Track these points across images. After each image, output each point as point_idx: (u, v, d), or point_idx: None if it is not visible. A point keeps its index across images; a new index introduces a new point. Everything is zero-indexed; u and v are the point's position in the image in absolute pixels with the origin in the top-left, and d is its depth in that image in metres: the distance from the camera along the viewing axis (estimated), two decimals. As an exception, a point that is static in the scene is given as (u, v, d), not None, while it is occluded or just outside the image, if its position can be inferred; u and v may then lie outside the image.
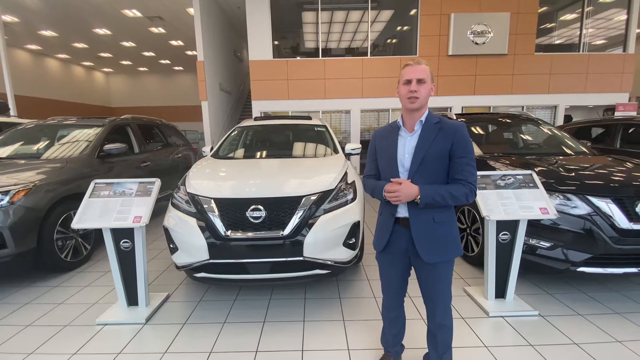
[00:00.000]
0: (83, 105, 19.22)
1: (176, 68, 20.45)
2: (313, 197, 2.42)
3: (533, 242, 2.62)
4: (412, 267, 1.65)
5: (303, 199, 2.39)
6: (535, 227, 2.59)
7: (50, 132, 4.18)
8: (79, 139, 3.98)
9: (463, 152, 1.46)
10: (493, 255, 2.42)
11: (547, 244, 2.57)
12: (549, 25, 9.68)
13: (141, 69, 20.54)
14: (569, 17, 9.65)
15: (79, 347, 2.11)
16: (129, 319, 2.37)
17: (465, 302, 2.59)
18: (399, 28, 9.72)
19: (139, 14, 11.37)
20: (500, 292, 2.52)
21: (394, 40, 9.96)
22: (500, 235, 2.41)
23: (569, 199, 2.55)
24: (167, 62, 18.74)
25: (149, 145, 5.12)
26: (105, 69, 20.70)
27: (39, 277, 3.12)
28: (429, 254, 1.50)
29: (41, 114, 7.24)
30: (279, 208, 2.35)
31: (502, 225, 2.39)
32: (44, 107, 16.09)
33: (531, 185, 2.44)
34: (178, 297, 2.74)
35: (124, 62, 18.71)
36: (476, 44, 8.94)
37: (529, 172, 2.51)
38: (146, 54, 16.81)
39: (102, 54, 16.79)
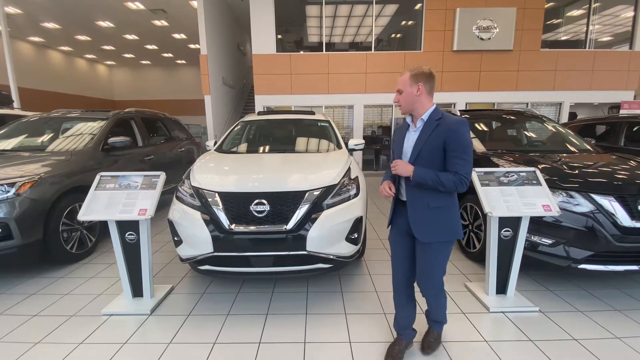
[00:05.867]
0: (85, 98, 19.24)
1: (179, 61, 20.41)
2: (316, 192, 2.43)
3: (535, 238, 2.63)
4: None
5: (306, 194, 2.40)
6: (538, 224, 2.59)
7: (54, 124, 4.20)
8: (83, 132, 3.99)
9: (454, 146, 1.62)
10: (495, 251, 2.44)
11: (549, 241, 2.58)
12: (555, 21, 9.58)
13: (144, 62, 20.51)
14: (576, 13, 9.55)
15: (85, 336, 2.14)
16: (134, 310, 2.41)
17: (466, 297, 2.61)
18: (403, 23, 9.64)
19: (142, 7, 11.33)
20: (501, 288, 2.54)
21: (398, 35, 9.89)
22: (502, 231, 2.42)
23: (571, 197, 2.55)
24: (170, 55, 18.70)
25: (153, 139, 5.14)
26: (108, 62, 20.68)
27: (45, 268, 3.16)
28: (421, 234, 1.70)
29: (44, 107, 7.27)
30: (283, 202, 2.37)
31: (504, 222, 2.40)
32: (47, 99, 16.13)
33: (534, 182, 2.44)
34: (182, 289, 2.77)
35: (127, 55, 18.69)
36: (481, 39, 8.87)
37: (532, 169, 2.51)
38: (149, 47, 16.78)
39: (105, 47, 16.77)
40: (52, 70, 17.12)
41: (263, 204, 2.34)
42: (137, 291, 2.53)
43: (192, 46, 16.47)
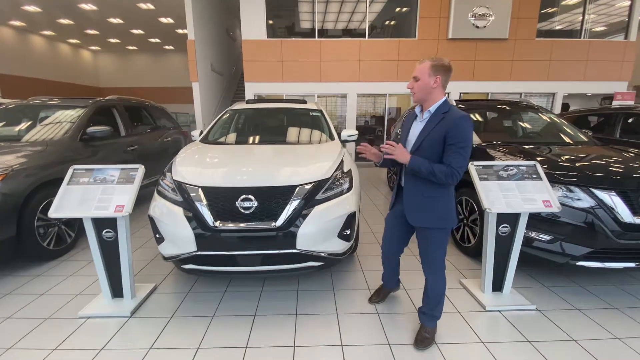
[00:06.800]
0: (69, 84, 18.51)
1: (166, 47, 19.72)
2: (307, 187, 2.29)
3: (532, 234, 2.54)
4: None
5: (297, 189, 2.26)
6: (535, 220, 2.50)
7: (31, 113, 3.95)
8: (61, 121, 3.76)
9: (453, 140, 1.66)
10: (492, 248, 2.35)
11: (547, 237, 2.50)
12: (550, 10, 9.43)
13: (130, 47, 19.76)
14: (571, 1, 9.41)
15: (59, 342, 2.00)
16: (113, 312, 2.27)
17: (461, 295, 2.53)
18: (397, 9, 9.39)
19: (126, -11, 10.81)
20: (498, 285, 2.47)
21: (392, 22, 9.64)
22: (500, 227, 2.33)
23: (571, 191, 2.47)
24: (157, 40, 18.03)
25: (137, 128, 4.90)
26: (93, 47, 19.87)
27: (20, 266, 2.98)
28: (413, 218, 1.85)
29: (25, 94, 6.89)
30: (272, 198, 2.23)
31: (502, 218, 2.30)
32: (28, 86, 15.45)
33: (534, 176, 2.34)
34: (165, 289, 2.63)
35: (112, 40, 17.95)
36: (477, 27, 8.70)
37: (532, 163, 2.40)
38: (135, 31, 16.11)
39: (89, 31, 16.05)
40: (34, 55, 16.35)
41: (250, 199, 2.19)
42: (116, 291, 2.38)
43: (179, 31, 15.88)
